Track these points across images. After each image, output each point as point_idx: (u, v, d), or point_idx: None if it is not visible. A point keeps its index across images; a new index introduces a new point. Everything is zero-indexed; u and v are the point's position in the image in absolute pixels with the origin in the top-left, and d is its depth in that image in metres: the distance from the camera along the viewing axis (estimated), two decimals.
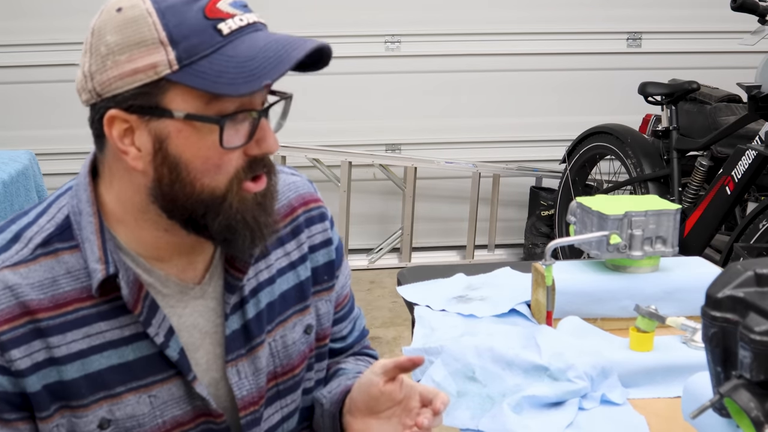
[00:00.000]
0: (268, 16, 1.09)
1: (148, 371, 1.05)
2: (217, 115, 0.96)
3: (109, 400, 1.03)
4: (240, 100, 0.98)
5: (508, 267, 1.95)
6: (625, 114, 4.10)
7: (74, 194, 1.05)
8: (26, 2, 4.17)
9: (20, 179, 3.02)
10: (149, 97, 0.96)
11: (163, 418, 1.06)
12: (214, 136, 0.97)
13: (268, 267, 1.16)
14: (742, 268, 1.04)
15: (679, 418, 1.25)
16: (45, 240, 1.02)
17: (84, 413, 1.02)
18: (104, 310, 1.02)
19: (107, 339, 1.02)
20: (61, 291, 1.01)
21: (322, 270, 1.22)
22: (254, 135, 1.00)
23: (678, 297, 1.62)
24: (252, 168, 1.01)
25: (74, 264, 1.02)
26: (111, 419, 1.03)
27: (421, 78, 4.45)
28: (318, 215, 1.23)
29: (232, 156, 0.99)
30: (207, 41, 0.95)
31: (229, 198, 1.00)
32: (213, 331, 1.11)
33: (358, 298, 4.71)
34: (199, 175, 0.98)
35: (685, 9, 4.50)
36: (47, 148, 4.13)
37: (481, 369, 1.43)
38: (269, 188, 1.04)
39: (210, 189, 0.99)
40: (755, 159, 3.09)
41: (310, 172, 4.35)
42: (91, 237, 1.02)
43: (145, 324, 1.03)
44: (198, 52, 0.95)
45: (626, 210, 1.63)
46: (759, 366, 0.97)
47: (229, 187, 0.99)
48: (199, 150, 0.97)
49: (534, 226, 4.41)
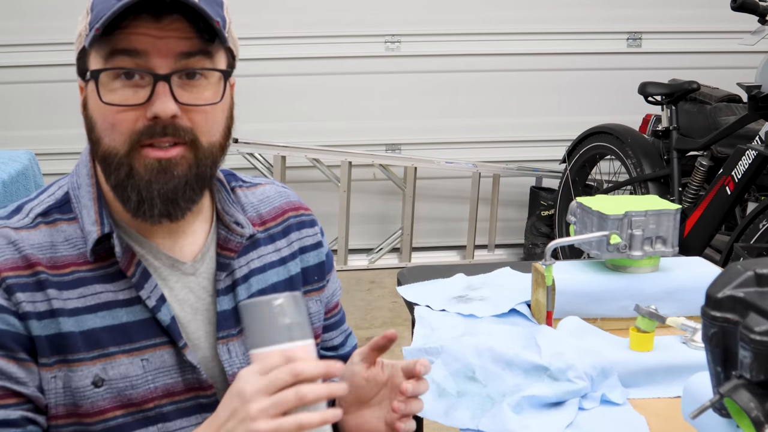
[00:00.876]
0: (268, 16, 1.10)
1: (141, 335, 1.08)
2: (98, 69, 1.02)
3: (103, 359, 1.06)
4: (135, 61, 1.01)
5: (508, 267, 1.95)
6: (625, 114, 4.10)
7: (74, 172, 1.12)
8: (26, 2, 4.17)
9: (20, 179, 3.02)
10: (82, 63, 1.06)
11: (155, 384, 1.09)
12: (103, 92, 1.02)
13: (259, 257, 1.19)
14: (742, 268, 1.04)
15: (679, 418, 1.25)
16: (45, 210, 1.09)
17: (79, 368, 1.05)
18: (99, 275, 1.07)
19: (102, 300, 1.07)
20: (59, 254, 1.06)
21: (313, 270, 1.26)
22: (151, 98, 1.01)
23: (678, 297, 1.62)
24: (150, 132, 1.02)
25: (72, 233, 1.08)
26: (105, 378, 1.06)
27: (421, 78, 4.45)
28: (309, 221, 1.28)
29: (126, 116, 1.02)
30: (108, 4, 1.00)
31: (124, 159, 1.03)
32: (204, 309, 1.14)
33: (358, 298, 4.71)
34: (102, 134, 1.03)
35: (685, 9, 4.50)
36: (47, 148, 4.13)
37: (481, 369, 1.43)
38: (182, 162, 1.04)
39: (109, 148, 1.03)
40: (755, 159, 3.10)
41: (310, 172, 4.36)
42: (88, 204, 1.08)
43: (138, 287, 1.07)
44: (101, 15, 1.00)
45: (626, 210, 1.63)
46: (759, 366, 0.97)
47: (125, 148, 1.02)
48: (97, 109, 1.03)
49: (534, 226, 4.41)
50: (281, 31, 4.27)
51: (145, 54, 1.01)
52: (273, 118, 4.30)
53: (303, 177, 4.39)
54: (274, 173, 4.23)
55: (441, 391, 1.42)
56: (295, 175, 4.34)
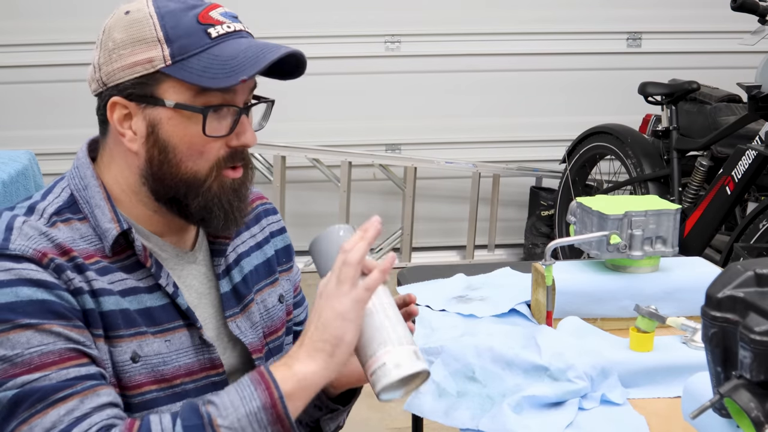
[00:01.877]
0: (268, 16, 1.14)
1: (163, 318, 1.17)
2: (202, 106, 1.12)
3: (138, 337, 1.14)
4: (224, 96, 1.13)
5: (508, 267, 1.95)
6: (625, 114, 4.10)
7: (75, 174, 1.19)
8: (26, 2, 4.17)
9: (20, 179, 3.02)
10: (146, 87, 1.12)
11: (178, 363, 1.17)
12: (198, 125, 1.12)
13: (243, 243, 1.32)
14: (742, 268, 1.04)
15: (679, 418, 1.26)
16: (57, 210, 1.15)
17: (119, 344, 1.12)
18: (120, 266, 1.15)
19: (128, 286, 1.15)
20: (81, 247, 1.13)
21: (281, 253, 1.38)
22: (235, 128, 1.15)
23: (678, 297, 1.62)
24: (232, 158, 1.16)
25: (85, 231, 1.14)
26: (141, 354, 1.13)
27: (421, 78, 4.45)
28: (272, 209, 1.40)
29: (214, 145, 1.14)
30: (197, 42, 1.12)
31: (208, 182, 1.15)
32: (207, 293, 1.25)
33: None
34: (184, 158, 1.13)
35: (685, 9, 4.50)
36: (47, 148, 4.13)
37: (481, 369, 1.43)
38: (245, 178, 1.19)
39: (192, 172, 1.14)
40: (755, 159, 3.10)
41: (310, 172, 4.36)
42: (101, 203, 1.15)
43: (156, 276, 1.17)
44: (189, 51, 1.11)
45: (626, 210, 1.63)
46: (759, 366, 0.97)
47: (209, 172, 1.15)
48: (185, 136, 1.13)
49: (534, 226, 4.41)
50: (281, 31, 4.26)
51: (233, 93, 1.14)
52: (273, 118, 4.26)
53: (303, 177, 4.39)
54: (274, 173, 4.23)
55: (441, 391, 1.42)
56: (295, 175, 4.34)
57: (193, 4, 1.15)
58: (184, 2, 1.15)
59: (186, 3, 1.15)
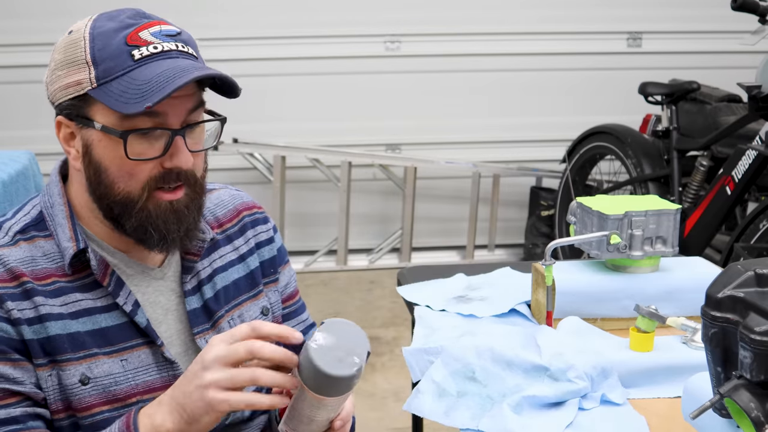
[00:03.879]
0: (268, 16, 1.12)
1: (119, 338, 1.17)
2: (126, 130, 1.10)
3: (88, 360, 1.15)
4: (152, 120, 1.11)
5: (508, 267, 1.95)
6: (625, 114, 4.10)
7: (45, 192, 1.21)
8: (25, 2, 4.17)
9: (20, 179, 3.01)
10: (80, 108, 1.14)
11: (135, 381, 1.17)
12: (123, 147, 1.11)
13: (221, 257, 1.31)
14: (742, 268, 1.04)
15: (679, 418, 1.25)
16: (22, 228, 1.18)
17: (68, 367, 1.13)
18: (78, 285, 1.16)
19: (82, 307, 1.16)
20: (39, 267, 1.15)
21: (268, 264, 1.37)
22: (168, 150, 1.13)
23: (678, 297, 1.62)
24: (165, 179, 1.15)
25: (49, 249, 1.17)
26: (90, 377, 1.14)
27: (421, 78, 4.45)
28: (262, 218, 1.38)
29: (145, 167, 1.13)
30: (120, 64, 1.11)
31: (140, 202, 1.14)
32: (174, 309, 1.24)
33: (358, 298, 4.68)
34: (116, 179, 1.14)
35: (685, 9, 4.50)
36: (47, 148, 4.11)
37: (481, 369, 1.43)
38: (186, 199, 1.17)
39: (125, 192, 1.14)
40: (755, 159, 3.09)
41: (310, 172, 4.36)
42: (62, 222, 1.17)
43: (114, 294, 1.17)
44: (111, 74, 1.11)
45: (626, 210, 1.63)
46: (759, 366, 0.97)
47: (141, 193, 1.14)
48: (114, 159, 1.13)
49: (534, 226, 4.41)
50: (281, 31, 4.26)
51: (163, 114, 1.12)
52: (273, 118, 4.30)
53: (303, 177, 4.39)
54: (274, 173, 4.23)
55: (441, 391, 1.42)
56: (295, 175, 4.34)
57: (130, 23, 1.13)
58: (122, 21, 1.13)
59: (123, 23, 1.13)
